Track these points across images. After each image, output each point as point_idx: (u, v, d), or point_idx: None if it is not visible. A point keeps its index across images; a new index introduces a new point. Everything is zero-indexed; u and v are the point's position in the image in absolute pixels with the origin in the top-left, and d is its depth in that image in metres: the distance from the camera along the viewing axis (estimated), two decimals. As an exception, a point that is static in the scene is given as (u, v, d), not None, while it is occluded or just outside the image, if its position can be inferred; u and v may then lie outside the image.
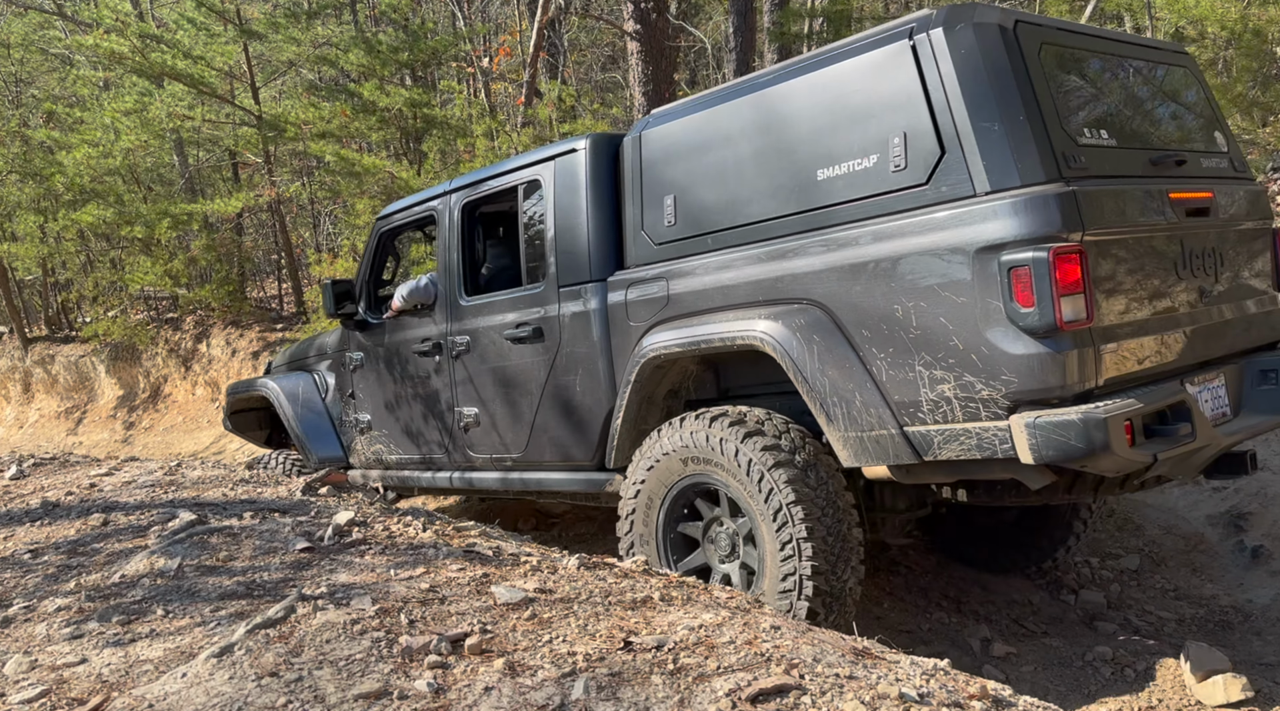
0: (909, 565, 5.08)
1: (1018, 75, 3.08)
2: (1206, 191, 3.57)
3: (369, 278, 5.53)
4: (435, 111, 11.22)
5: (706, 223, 3.83)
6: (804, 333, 3.41)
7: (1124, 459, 2.90)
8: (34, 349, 16.72)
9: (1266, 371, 3.67)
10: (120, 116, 12.80)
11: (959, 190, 3.09)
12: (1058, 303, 2.86)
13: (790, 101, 3.57)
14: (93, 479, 4.08)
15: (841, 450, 3.39)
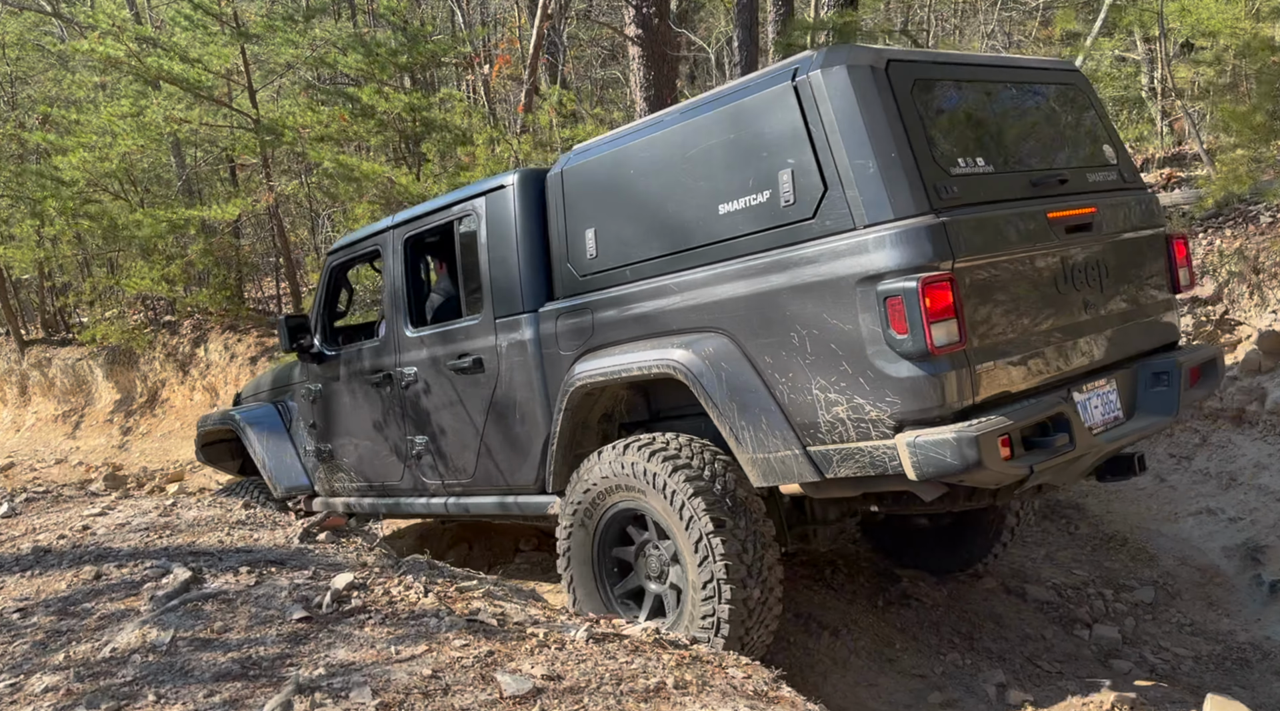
0: (919, 598, 4.98)
1: (888, 113, 3.25)
2: (1089, 207, 3.74)
3: (323, 311, 5.68)
4: (435, 115, 11.10)
5: (624, 255, 4.00)
6: (713, 360, 3.59)
7: (998, 472, 3.09)
8: (31, 351, 16.59)
9: (1159, 374, 3.84)
10: (116, 120, 12.66)
11: (841, 224, 3.27)
12: (928, 329, 3.05)
13: (694, 138, 3.73)
14: (85, 520, 3.97)
15: (751, 471, 3.57)
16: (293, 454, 5.94)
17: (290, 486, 5.85)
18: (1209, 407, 5.60)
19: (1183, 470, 5.61)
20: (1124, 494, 5.74)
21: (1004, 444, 3.08)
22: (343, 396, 5.49)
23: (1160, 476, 5.67)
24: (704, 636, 3.54)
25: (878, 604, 4.94)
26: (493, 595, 2.89)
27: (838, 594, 4.97)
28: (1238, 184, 5.43)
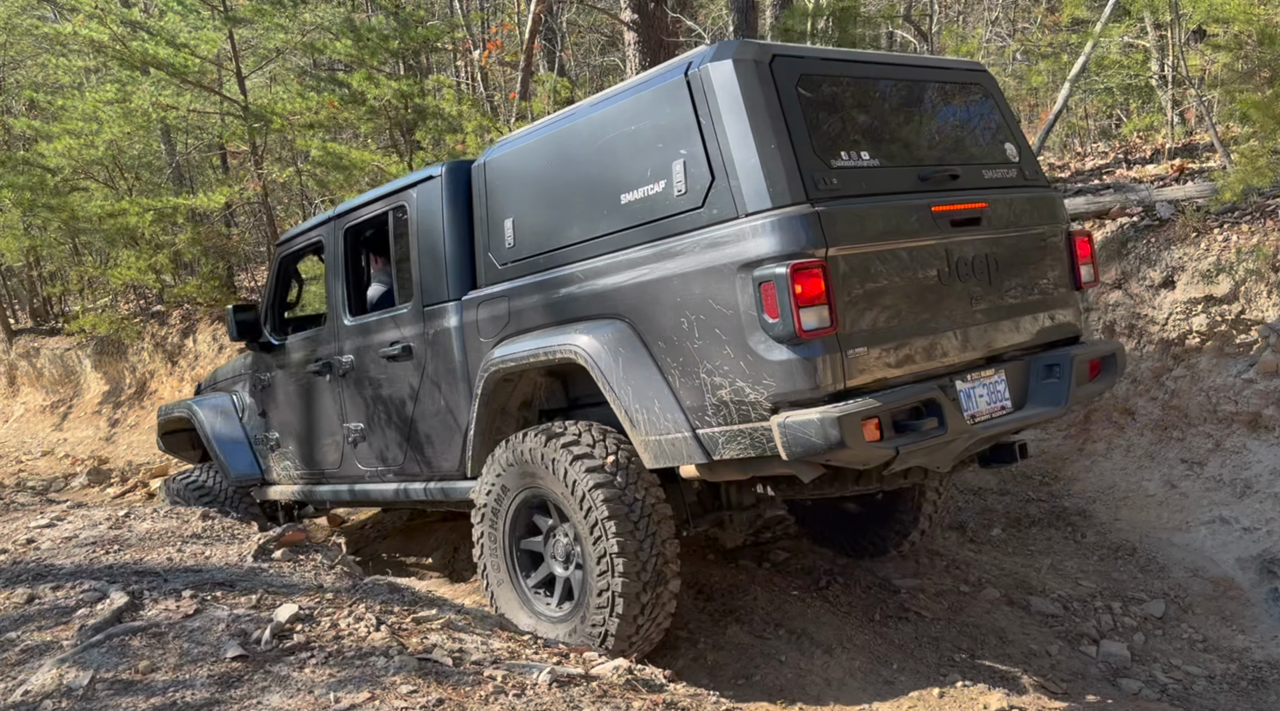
0: (919, 611, 4.75)
1: (770, 107, 3.35)
2: (980, 202, 3.81)
3: (273, 301, 5.80)
4: (428, 102, 10.82)
5: (538, 244, 4.11)
6: (611, 346, 3.69)
7: (863, 453, 3.21)
8: (19, 341, 16.35)
9: (1051, 366, 3.94)
10: (102, 106, 12.37)
11: (726, 212, 3.38)
12: (797, 314, 3.16)
13: (601, 130, 3.83)
14: (32, 532, 3.74)
15: (644, 453, 3.68)
16: (245, 442, 6.03)
17: (241, 474, 5.95)
18: (1223, 411, 5.35)
19: (1195, 476, 5.37)
20: (1133, 500, 5.50)
21: (873, 426, 3.21)
22: (289, 385, 5.60)
23: (1171, 483, 5.43)
24: (601, 613, 3.69)
25: (875, 617, 4.70)
26: (453, 626, 2.65)
27: (833, 607, 4.73)
28: (1258, 177, 5.17)
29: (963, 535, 5.59)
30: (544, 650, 2.62)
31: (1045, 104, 11.30)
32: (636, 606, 3.65)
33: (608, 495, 3.64)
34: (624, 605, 3.62)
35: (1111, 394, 5.79)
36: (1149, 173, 7.12)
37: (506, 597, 4.07)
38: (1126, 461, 5.65)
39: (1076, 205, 6.21)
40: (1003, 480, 5.94)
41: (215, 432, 6.04)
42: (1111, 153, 8.75)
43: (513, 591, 4.06)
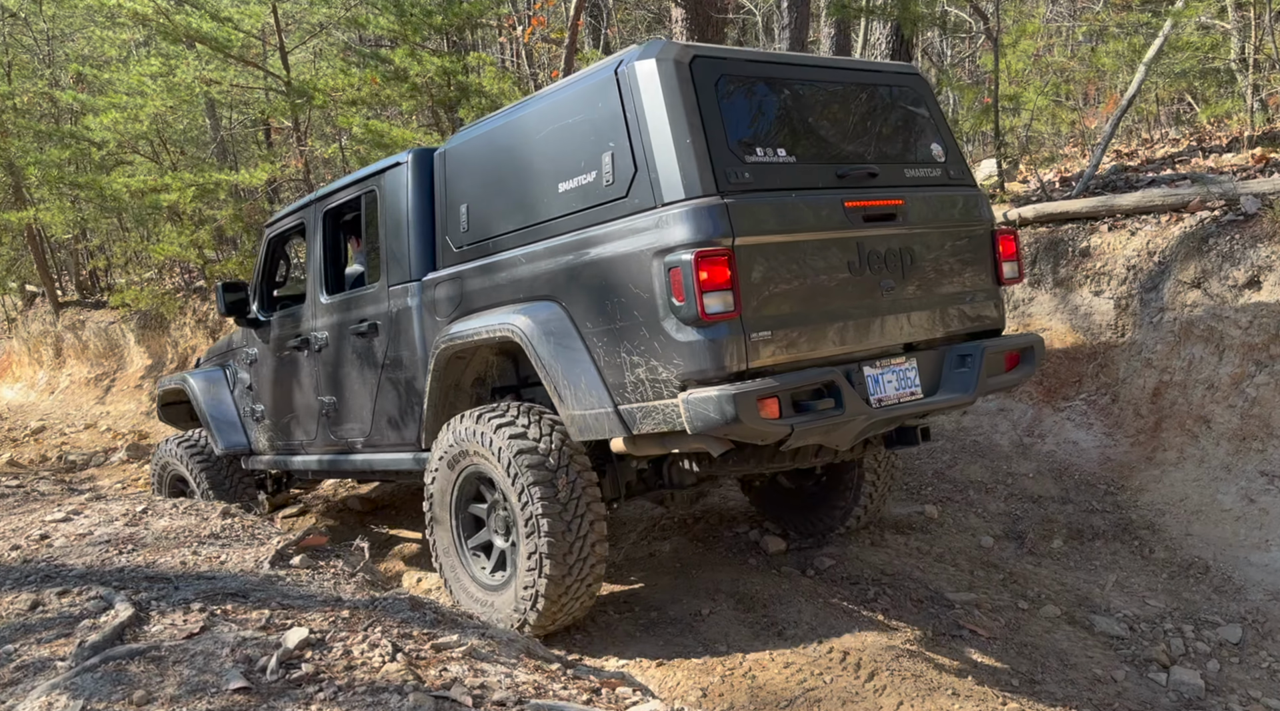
0: (974, 628, 4.47)
1: (688, 104, 3.57)
2: (896, 200, 4.01)
3: (262, 279, 6.06)
4: (470, 80, 10.59)
5: (488, 229, 4.36)
6: (544, 326, 3.94)
7: (757, 429, 3.44)
8: (65, 313, 16.49)
9: (964, 356, 4.15)
10: (146, 79, 12.31)
11: (646, 202, 3.61)
12: (700, 298, 3.38)
13: (544, 121, 4.08)
14: (47, 527, 3.59)
15: (570, 427, 3.93)
16: (234, 414, 6.34)
17: (230, 445, 6.23)
18: (1309, 422, 4.98)
19: (1276, 491, 5.01)
20: (1207, 514, 5.15)
21: (771, 404, 3.44)
22: (273, 360, 5.90)
23: (1250, 497, 5.08)
24: (530, 576, 3.94)
25: (926, 635, 4.43)
26: (476, 654, 2.43)
27: (882, 622, 4.47)
28: (1356, 170, 4.78)
29: (1021, 546, 5.29)
30: (573, 683, 2.40)
31: (1111, 88, 10.81)
32: (563, 569, 3.90)
33: (536, 473, 3.90)
34: (551, 566, 3.88)
35: (1185, 399, 5.43)
36: (1227, 163, 6.69)
37: (453, 568, 4.41)
38: (1200, 472, 5.30)
39: (1152, 197, 5.83)
40: (1065, 488, 5.61)
41: (207, 405, 6.35)
42: (1184, 140, 8.29)
43: (458, 561, 4.40)
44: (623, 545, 5.86)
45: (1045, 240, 6.14)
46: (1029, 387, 6.11)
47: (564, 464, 3.95)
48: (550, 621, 4.05)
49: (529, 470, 3.90)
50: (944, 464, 6.08)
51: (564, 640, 4.22)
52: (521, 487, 3.92)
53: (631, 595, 4.76)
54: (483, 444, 4.07)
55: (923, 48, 13.96)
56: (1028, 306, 6.19)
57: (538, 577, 3.91)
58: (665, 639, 4.19)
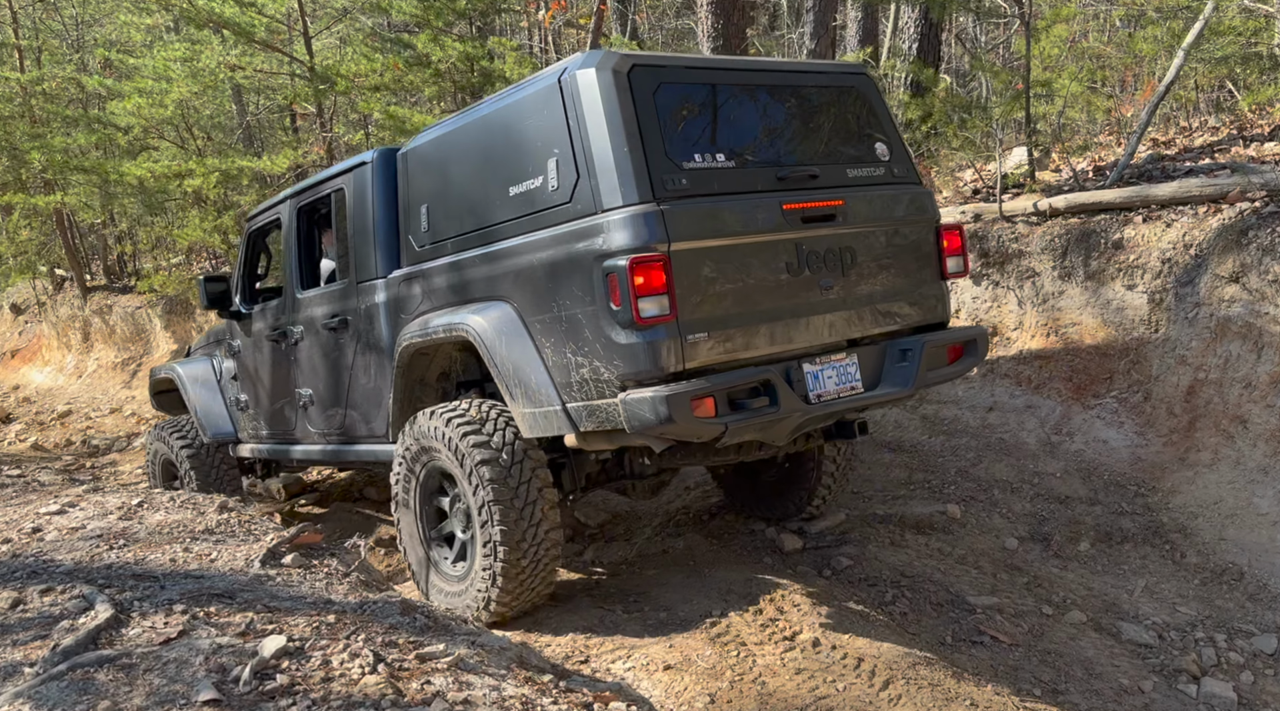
0: (995, 634, 4.31)
1: (625, 113, 3.64)
2: (836, 200, 4.08)
3: (244, 272, 6.17)
4: (495, 65, 10.46)
5: (446, 230, 4.47)
6: (496, 325, 4.06)
7: (691, 428, 3.55)
8: (93, 298, 16.59)
9: (905, 350, 4.22)
10: (171, 64, 12.29)
11: (588, 208, 3.70)
12: (635, 303, 3.48)
13: (496, 126, 4.17)
14: (41, 519, 3.52)
15: (521, 424, 4.04)
16: (220, 403, 6.48)
17: (216, 433, 6.38)
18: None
19: (1316, 496, 4.80)
20: (1242, 519, 4.95)
21: (706, 404, 3.52)
22: (255, 352, 6.04)
23: (1287, 501, 4.87)
24: (487, 560, 4.09)
25: (945, 640, 4.28)
26: (463, 665, 2.32)
27: (900, 627, 4.33)
28: None
29: (1046, 549, 5.11)
30: (565, 697, 2.28)
31: (1148, 74, 10.49)
32: (517, 556, 4.05)
33: (490, 468, 4.03)
34: (505, 554, 4.03)
35: (1221, 399, 5.22)
36: (1269, 152, 6.44)
37: (418, 558, 4.56)
38: (1235, 474, 5.09)
39: (1189, 187, 5.60)
40: (1093, 489, 5.42)
41: (195, 394, 6.50)
42: (1224, 129, 8.01)
43: (423, 551, 4.53)
44: (636, 540, 5.74)
45: (1077, 231, 5.93)
46: (1057, 384, 5.92)
47: (517, 459, 4.08)
48: (508, 607, 4.20)
49: (483, 465, 4.04)
50: (968, 462, 5.91)
51: (571, 643, 4.11)
52: (476, 481, 4.07)
53: (642, 594, 4.64)
54: (441, 440, 4.20)
55: (955, 32, 13.67)
56: (1057, 300, 5.99)
57: (494, 564, 4.08)
58: (674, 641, 4.07)
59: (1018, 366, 6.14)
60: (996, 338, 6.31)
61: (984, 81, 10.30)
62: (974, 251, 6.37)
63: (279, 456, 6.11)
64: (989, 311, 6.35)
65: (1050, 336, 6.00)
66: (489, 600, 4.16)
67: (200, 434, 6.47)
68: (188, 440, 6.60)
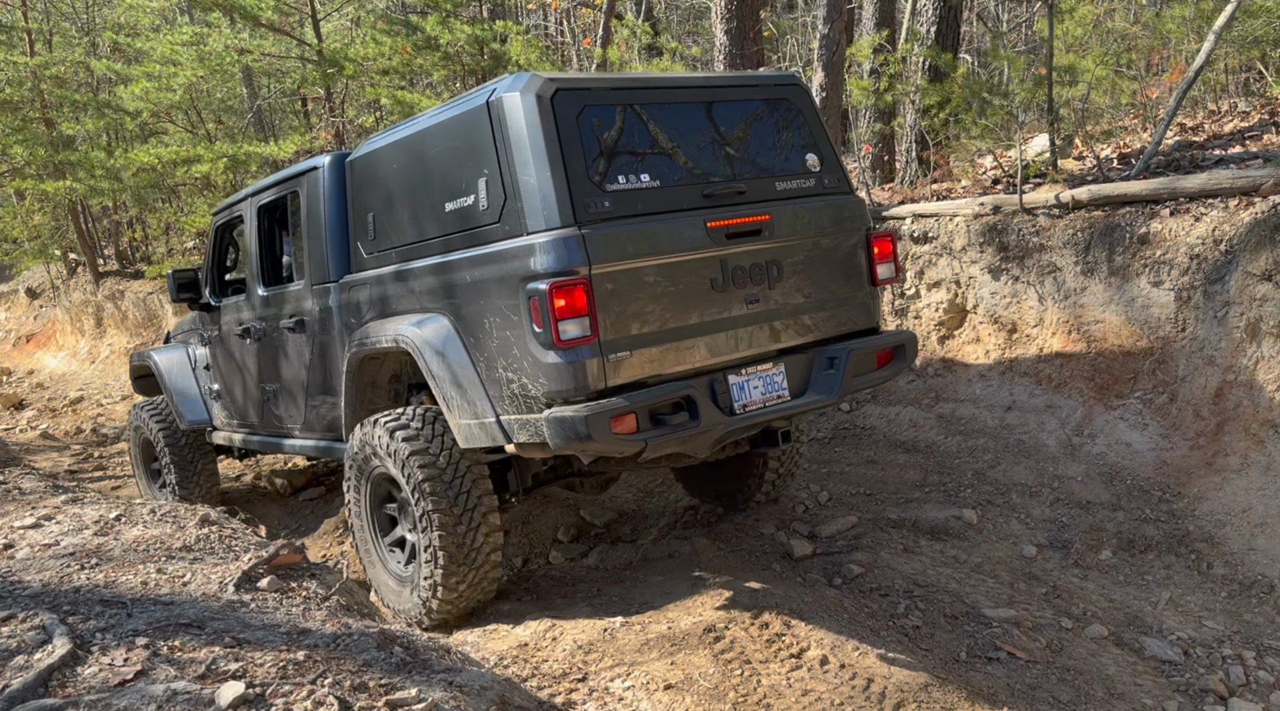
0: (1012, 649, 4.13)
1: (548, 137, 3.71)
2: (763, 215, 4.14)
3: (213, 265, 6.34)
4: (503, 49, 10.25)
5: (389, 240, 4.59)
6: (434, 338, 4.16)
7: (610, 445, 3.66)
8: (105, 283, 16.56)
9: (832, 359, 4.31)
10: (178, 48, 12.14)
11: (516, 230, 3.80)
12: (555, 325, 3.58)
13: (434, 141, 4.24)
14: (14, 534, 3.39)
15: (458, 434, 4.15)
16: (196, 390, 6.64)
17: (192, 420, 6.56)
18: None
19: (1351, 505, 4.57)
20: (1272, 528, 4.73)
21: (626, 420, 3.64)
22: (224, 344, 6.21)
23: (1321, 511, 4.65)
24: (429, 567, 4.25)
25: (960, 656, 4.10)
26: (438, 710, 2.16)
27: (912, 642, 4.15)
28: None
29: (1066, 557, 4.92)
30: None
31: (1176, 55, 10.15)
32: (457, 560, 4.20)
33: (428, 472, 4.17)
34: (445, 558, 4.19)
35: (1251, 401, 5.00)
36: (1305, 139, 6.16)
37: (370, 561, 4.71)
38: (1266, 480, 4.87)
39: (1220, 179, 5.35)
40: (1115, 494, 5.21)
41: (171, 381, 6.67)
42: (1255, 113, 7.71)
43: (375, 554, 4.68)
44: (642, 542, 5.59)
45: (1101, 225, 5.69)
46: (1079, 383, 5.70)
47: (455, 467, 4.22)
48: (451, 607, 4.36)
49: (421, 471, 4.17)
50: (985, 463, 5.71)
51: (569, 659, 3.96)
52: (415, 487, 4.20)
53: (644, 603, 4.49)
54: (382, 448, 4.33)
55: (977, 11, 13.32)
56: (1079, 296, 5.76)
57: (434, 568, 4.23)
58: (676, 658, 3.91)
59: (1038, 365, 5.92)
60: (1015, 334, 6.09)
61: (1003, 68, 10.00)
62: (993, 245, 6.14)
63: (250, 445, 6.23)
64: (1008, 307, 6.12)
65: (1072, 334, 5.78)
66: (430, 603, 4.32)
67: (178, 420, 6.64)
68: (165, 424, 6.79)
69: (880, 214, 6.86)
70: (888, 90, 7.46)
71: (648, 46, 10.33)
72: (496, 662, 3.94)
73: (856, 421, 6.57)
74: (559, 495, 6.50)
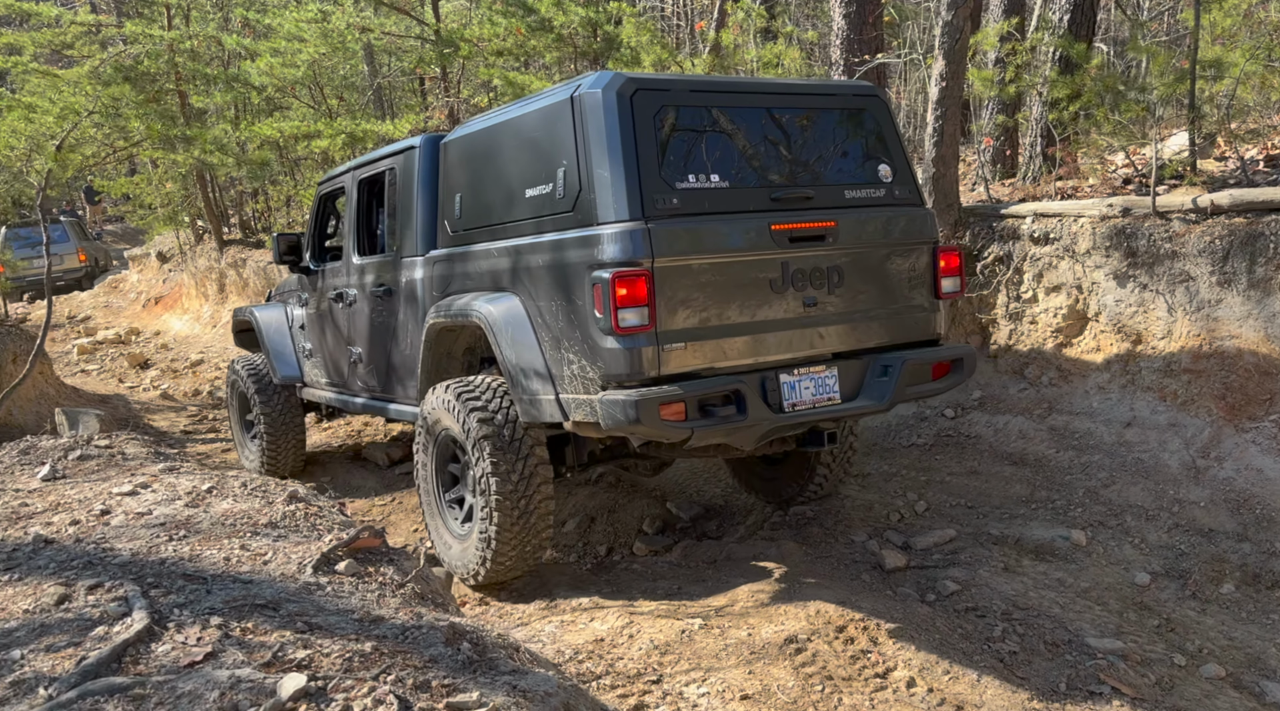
0: (1117, 685, 3.87)
1: (624, 134, 3.89)
2: (829, 221, 4.27)
3: (314, 231, 6.69)
4: (619, 32, 10.17)
5: (474, 220, 4.84)
6: (505, 315, 4.39)
7: (658, 430, 3.84)
8: (229, 251, 17.20)
9: (886, 366, 4.40)
10: (303, 25, 12.46)
11: (588, 219, 4.00)
12: (615, 313, 3.76)
13: (519, 131, 4.48)
14: (111, 501, 3.49)
15: (519, 408, 4.39)
16: (290, 348, 7.01)
17: (285, 375, 6.94)
18: None
19: None
20: None
21: (675, 408, 3.80)
22: (319, 306, 6.54)
23: None
24: (484, 523, 4.49)
25: (1059, 688, 3.86)
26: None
27: (1007, 669, 3.92)
28: None
29: (1183, 588, 4.59)
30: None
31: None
32: (510, 522, 4.42)
33: (491, 442, 4.40)
34: (499, 518, 4.41)
35: (1405, 433, 4.56)
36: None
37: (432, 517, 5.00)
38: None
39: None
40: (1243, 523, 4.84)
41: (268, 337, 7.05)
42: None
43: (437, 511, 4.96)
44: (727, 540, 5.47)
45: (1242, 233, 5.28)
46: (1208, 402, 5.31)
47: (515, 434, 4.44)
48: (501, 568, 4.59)
49: (484, 439, 4.41)
50: (1099, 482, 5.38)
51: (644, 659, 3.88)
52: (478, 454, 4.45)
53: (726, 607, 4.37)
54: (450, 413, 4.59)
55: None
56: (1214, 309, 5.36)
57: (489, 529, 4.47)
58: (755, 667, 3.79)
59: (1163, 379, 5.54)
60: (1140, 346, 5.71)
61: (1143, 61, 9.41)
62: (1120, 249, 5.77)
63: (335, 404, 6.59)
64: (1133, 317, 5.75)
65: (1203, 349, 5.38)
66: (484, 561, 4.56)
67: (272, 374, 7.01)
68: (260, 378, 7.16)
69: (999, 211, 6.53)
70: (1013, 81, 7.08)
71: (763, 30, 10.10)
72: (571, 657, 3.89)
73: (961, 429, 6.29)
74: (646, 485, 6.43)
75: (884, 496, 5.71)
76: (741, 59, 9.51)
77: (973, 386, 6.50)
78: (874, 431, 6.67)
